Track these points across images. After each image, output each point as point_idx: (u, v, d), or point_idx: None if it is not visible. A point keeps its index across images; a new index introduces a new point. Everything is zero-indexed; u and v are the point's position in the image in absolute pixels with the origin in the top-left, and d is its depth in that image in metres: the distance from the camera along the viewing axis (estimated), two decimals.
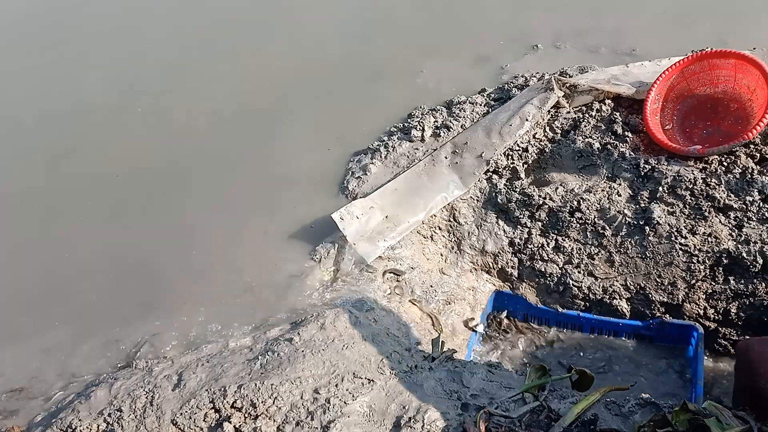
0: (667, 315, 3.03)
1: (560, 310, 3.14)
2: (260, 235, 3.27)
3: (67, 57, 5.66)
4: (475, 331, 3.09)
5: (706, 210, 2.91)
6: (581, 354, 3.08)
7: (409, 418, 2.06)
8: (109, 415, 2.13)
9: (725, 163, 2.96)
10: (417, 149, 3.57)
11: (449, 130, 3.59)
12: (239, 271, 3.07)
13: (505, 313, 3.28)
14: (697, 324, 2.92)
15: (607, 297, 3.09)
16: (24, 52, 5.96)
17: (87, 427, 2.07)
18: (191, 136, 4.13)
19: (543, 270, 3.16)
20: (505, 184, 3.31)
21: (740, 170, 2.91)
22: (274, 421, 2.08)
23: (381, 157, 3.59)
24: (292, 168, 3.69)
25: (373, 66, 4.55)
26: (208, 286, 3.01)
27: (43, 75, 5.43)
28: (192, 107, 4.46)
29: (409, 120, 3.82)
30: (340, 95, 4.31)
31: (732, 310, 2.95)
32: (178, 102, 4.55)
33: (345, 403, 2.13)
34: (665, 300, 3.01)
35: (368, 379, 2.24)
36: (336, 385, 2.20)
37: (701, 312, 3.00)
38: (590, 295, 3.11)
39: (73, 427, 2.08)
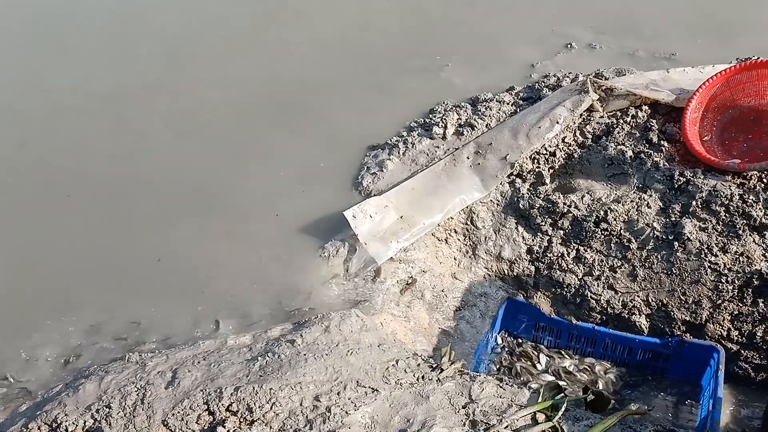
0: (688, 334, 2.95)
1: (574, 321, 3.06)
2: (267, 229, 3.16)
3: (39, 59, 5.40)
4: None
5: (740, 228, 2.80)
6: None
7: None
8: (97, 411, 2.03)
9: (765, 180, 2.84)
10: (438, 147, 3.44)
11: (473, 129, 3.46)
12: (243, 265, 2.97)
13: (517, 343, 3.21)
14: (719, 345, 2.84)
15: (626, 312, 3.01)
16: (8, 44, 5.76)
17: (73, 423, 1.98)
18: (204, 127, 3.98)
19: (561, 280, 3.07)
20: (528, 189, 3.19)
21: None
22: (271, 428, 1.99)
23: (399, 153, 3.46)
24: (304, 161, 3.57)
25: (395, 58, 4.42)
26: (210, 278, 2.91)
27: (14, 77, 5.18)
28: (205, 98, 4.29)
29: (431, 116, 3.69)
30: (360, 87, 4.18)
31: (758, 334, 2.86)
32: (192, 94, 4.37)
33: (346, 412, 2.04)
34: (687, 318, 2.93)
35: (372, 389, 2.15)
36: (338, 393, 2.11)
37: (724, 333, 2.92)
38: (608, 309, 3.03)
39: (59, 421, 1.99)
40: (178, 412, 2.01)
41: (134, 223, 3.28)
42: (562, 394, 2.25)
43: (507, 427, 2.02)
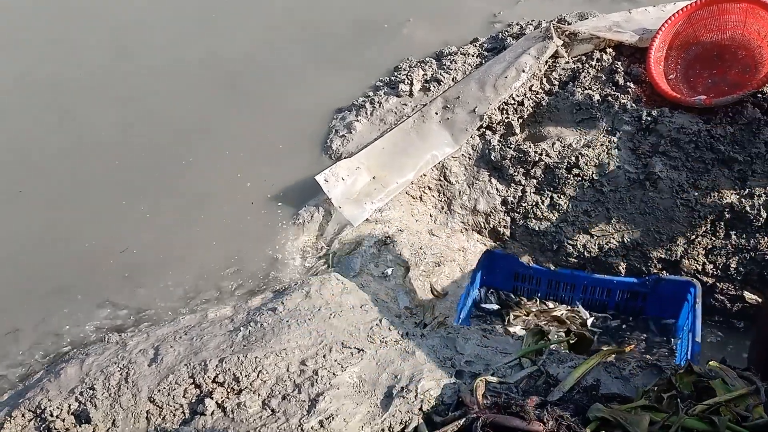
0: (664, 271, 2.99)
1: (553, 268, 3.08)
2: (238, 199, 3.10)
3: None
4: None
5: (709, 163, 2.83)
6: None
7: (402, 388, 1.99)
8: (81, 393, 2.00)
9: (731, 114, 2.85)
10: (405, 105, 3.39)
11: (440, 84, 3.42)
12: (217, 238, 2.92)
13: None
14: (695, 280, 2.87)
15: (603, 254, 3.04)
16: None
17: (57, 407, 1.95)
18: (157, 115, 3.80)
19: (537, 228, 3.08)
20: (499, 141, 3.17)
21: (746, 121, 2.81)
22: (259, 395, 1.98)
23: (367, 113, 3.41)
24: (269, 135, 3.48)
25: (355, 16, 4.31)
26: (184, 253, 2.86)
27: None
28: (155, 85, 4.07)
29: (396, 73, 3.63)
30: (322, 48, 4.08)
31: (732, 266, 2.93)
32: (141, 82, 4.14)
33: (334, 374, 2.04)
34: (663, 256, 2.97)
35: (358, 349, 2.15)
36: (324, 356, 2.10)
37: (700, 268, 2.97)
38: (585, 253, 3.05)
39: (43, 407, 1.96)
40: (164, 388, 1.99)
41: (95, 217, 3.15)
42: (546, 339, 2.28)
43: (493, 374, 2.05)
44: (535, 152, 3.04)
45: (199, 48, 4.33)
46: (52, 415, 1.94)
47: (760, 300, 2.93)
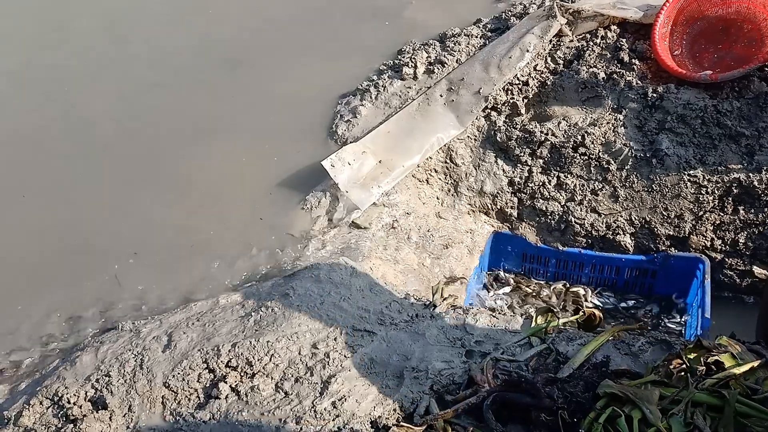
0: (673, 248, 3.00)
1: (561, 248, 3.09)
2: (247, 186, 3.11)
3: None
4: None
5: (716, 138, 2.82)
6: None
7: (413, 368, 2.00)
8: (97, 380, 2.03)
9: (737, 89, 2.83)
10: (410, 88, 3.38)
11: (444, 66, 3.39)
12: (226, 225, 2.93)
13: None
14: (703, 256, 2.89)
15: (611, 233, 3.04)
16: None
17: (74, 395, 1.98)
18: (157, 108, 3.78)
19: (544, 209, 3.09)
20: (504, 121, 3.16)
21: (753, 95, 2.80)
22: (272, 378, 2.00)
23: (371, 98, 3.39)
24: (276, 115, 3.48)
25: (354, 2, 4.27)
26: (193, 240, 2.88)
27: None
28: (152, 73, 4.06)
29: (399, 57, 3.60)
30: (324, 32, 4.05)
31: (740, 241, 2.93)
32: (139, 70, 4.13)
33: (345, 356, 2.06)
34: (671, 233, 2.97)
35: (368, 331, 2.17)
36: (335, 339, 2.13)
37: (708, 244, 2.98)
38: (593, 232, 3.07)
39: (60, 395, 1.99)
40: (179, 373, 2.01)
41: (103, 210, 3.14)
42: (555, 317, 2.29)
43: (503, 353, 2.06)
44: (541, 132, 3.03)
45: (200, 34, 4.33)
46: (69, 402, 1.98)
47: None
